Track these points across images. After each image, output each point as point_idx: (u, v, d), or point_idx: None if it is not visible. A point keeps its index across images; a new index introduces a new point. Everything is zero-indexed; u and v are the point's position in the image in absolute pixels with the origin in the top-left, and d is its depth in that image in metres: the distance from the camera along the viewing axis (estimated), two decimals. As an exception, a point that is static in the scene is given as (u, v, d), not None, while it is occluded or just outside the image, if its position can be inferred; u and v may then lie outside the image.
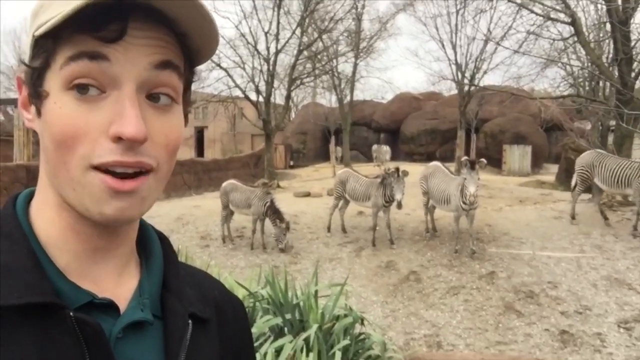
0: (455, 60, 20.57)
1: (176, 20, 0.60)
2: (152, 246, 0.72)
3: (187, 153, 33.64)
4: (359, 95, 31.20)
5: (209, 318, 0.72)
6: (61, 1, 0.55)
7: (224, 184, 10.29)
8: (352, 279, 8.21)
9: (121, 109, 0.56)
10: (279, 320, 2.92)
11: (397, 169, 9.12)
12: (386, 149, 26.96)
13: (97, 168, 0.56)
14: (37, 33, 0.57)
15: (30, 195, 0.66)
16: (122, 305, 0.63)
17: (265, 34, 19.33)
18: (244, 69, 19.29)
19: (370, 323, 3.51)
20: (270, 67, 19.07)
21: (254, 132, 30.58)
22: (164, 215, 11.90)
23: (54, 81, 0.58)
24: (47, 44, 0.58)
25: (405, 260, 8.92)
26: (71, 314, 0.56)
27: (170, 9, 0.58)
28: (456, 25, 20.32)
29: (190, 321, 0.68)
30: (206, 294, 0.75)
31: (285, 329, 2.97)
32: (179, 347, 0.65)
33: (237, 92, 20.06)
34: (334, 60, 24.60)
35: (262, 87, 19.24)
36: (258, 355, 2.60)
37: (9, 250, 0.58)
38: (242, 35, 18.94)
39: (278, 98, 25.20)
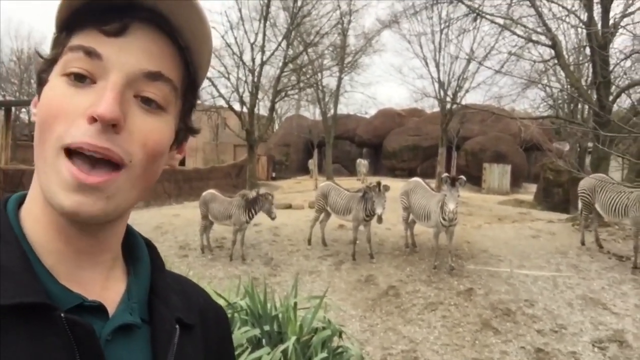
0: (438, 78, 20.84)
1: (180, 31, 0.63)
2: (139, 252, 0.73)
3: (168, 161, 33.21)
4: (342, 109, 31.37)
5: (194, 324, 0.73)
6: None
7: (203, 194, 10.22)
8: (332, 292, 8.18)
9: (102, 94, 0.58)
10: (257, 332, 2.90)
11: (379, 184, 9.15)
12: (364, 162, 27.11)
13: (68, 151, 0.57)
14: (54, 29, 0.62)
15: (21, 199, 0.66)
16: (110, 308, 0.64)
17: (251, 45, 19.40)
18: (228, 79, 19.30)
19: (349, 336, 3.50)
20: (255, 78, 19.10)
21: (236, 142, 30.50)
22: (142, 223, 11.75)
23: (55, 70, 0.62)
24: (60, 39, 0.62)
25: (385, 274, 8.92)
26: (62, 315, 0.57)
27: (176, 17, 0.62)
28: (440, 43, 20.60)
29: (177, 326, 0.69)
30: (191, 301, 0.77)
31: (263, 340, 2.94)
32: (167, 350, 0.66)
33: (221, 102, 20.04)
34: (319, 74, 24.74)
35: (247, 97, 19.25)
36: (235, 367, 2.58)
37: (1, 251, 0.58)
38: (228, 45, 18.98)
39: (262, 109, 25.24)
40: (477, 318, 7.23)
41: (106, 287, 0.66)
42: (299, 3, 20.11)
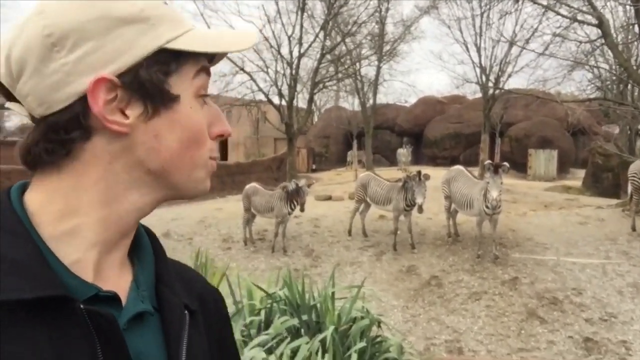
0: (480, 63, 20.37)
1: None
2: (142, 240, 0.73)
3: (210, 156, 33.87)
4: (382, 99, 31.06)
5: (197, 310, 0.74)
6: (180, 22, 0.66)
7: (246, 187, 10.37)
8: (373, 283, 8.19)
9: (215, 113, 0.70)
10: (295, 321, 2.94)
11: (419, 173, 9.07)
12: (405, 152, 26.77)
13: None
14: (171, 46, 0.63)
15: (23, 188, 0.65)
16: (122, 298, 0.65)
17: (289, 37, 19.45)
18: (267, 72, 19.42)
19: (388, 326, 3.50)
20: (293, 71, 19.16)
21: (277, 135, 30.71)
22: (186, 217, 12.04)
23: (185, 87, 0.65)
24: (168, 56, 0.64)
25: (427, 264, 8.86)
26: (82, 306, 0.57)
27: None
28: (480, 27, 20.12)
29: (186, 312, 0.70)
30: (191, 287, 0.78)
31: (302, 330, 2.99)
32: (179, 337, 0.67)
33: (261, 96, 20.23)
34: (357, 64, 24.57)
35: (285, 90, 19.34)
36: (273, 357, 2.62)
37: (13, 245, 0.58)
38: (266, 39, 19.08)
39: (301, 102, 25.30)
40: (522, 307, 7.10)
41: (120, 275, 0.67)
42: (336, -8, 20.02)
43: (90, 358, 0.57)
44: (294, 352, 2.66)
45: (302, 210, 9.58)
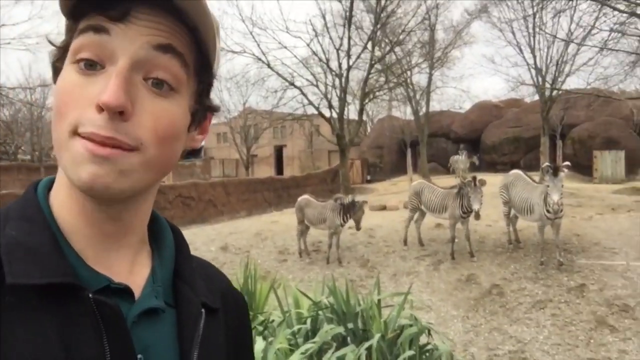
0: (535, 64, 19.72)
1: (186, 12, 0.61)
2: (163, 236, 0.73)
3: (266, 171, 34.56)
4: (435, 106, 30.55)
5: (218, 308, 0.73)
6: None
7: (298, 200, 10.43)
8: (431, 292, 8.00)
9: (109, 81, 0.57)
10: (341, 329, 2.88)
11: (474, 178, 8.83)
12: (461, 159, 25.66)
13: (80, 135, 0.57)
14: (64, 17, 0.61)
15: (51, 183, 0.67)
16: (136, 292, 0.64)
17: (337, 50, 19.54)
18: (317, 86, 19.56)
19: (438, 333, 3.38)
20: (343, 83, 19.21)
21: (330, 148, 30.82)
22: (243, 231, 12.23)
23: (67, 58, 0.61)
24: (69, 26, 0.62)
25: (487, 273, 8.56)
26: (90, 295, 0.57)
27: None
28: (534, 28, 19.50)
29: (203, 310, 0.69)
30: (214, 285, 0.77)
31: (349, 338, 2.92)
32: (193, 334, 0.66)
33: (312, 110, 20.36)
34: (408, 72, 24.34)
35: (336, 102, 19.40)
36: (320, 365, 2.58)
37: (29, 232, 0.59)
38: (314, 53, 19.27)
39: (352, 113, 25.26)
40: (591, 315, 6.72)
41: (132, 271, 0.66)
42: (383, 3, 19.97)
43: (97, 347, 0.57)
44: (341, 360, 2.61)
45: (358, 228, 9.52)
